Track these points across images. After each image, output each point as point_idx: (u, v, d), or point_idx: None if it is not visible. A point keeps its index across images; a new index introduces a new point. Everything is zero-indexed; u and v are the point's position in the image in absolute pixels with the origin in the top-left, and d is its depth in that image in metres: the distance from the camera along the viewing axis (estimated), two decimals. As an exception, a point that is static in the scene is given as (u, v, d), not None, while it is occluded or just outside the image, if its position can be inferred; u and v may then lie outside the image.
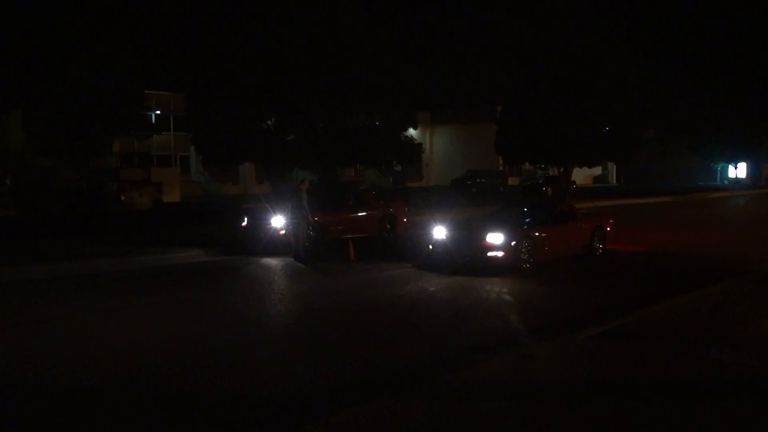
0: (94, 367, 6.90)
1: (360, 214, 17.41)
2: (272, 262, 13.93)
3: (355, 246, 14.45)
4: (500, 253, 12.30)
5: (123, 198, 28.63)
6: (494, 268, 12.26)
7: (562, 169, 39.74)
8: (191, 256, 14.59)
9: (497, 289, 10.95)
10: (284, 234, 15.05)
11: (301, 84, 24.92)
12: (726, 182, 65.72)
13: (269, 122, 27.57)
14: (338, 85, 25.40)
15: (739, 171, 68.62)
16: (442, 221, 14.04)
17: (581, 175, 53.11)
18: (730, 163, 66.53)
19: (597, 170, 61.74)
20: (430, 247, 13.50)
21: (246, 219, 16.07)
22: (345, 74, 25.43)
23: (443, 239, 13.24)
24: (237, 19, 27.22)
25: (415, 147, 30.56)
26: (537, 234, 13.03)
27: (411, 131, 31.97)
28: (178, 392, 6.21)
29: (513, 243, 12.43)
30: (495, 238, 12.34)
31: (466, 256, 12.72)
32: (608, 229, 14.92)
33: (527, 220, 13.86)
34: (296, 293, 11.06)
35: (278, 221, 15.20)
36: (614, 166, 64.94)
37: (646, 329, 7.87)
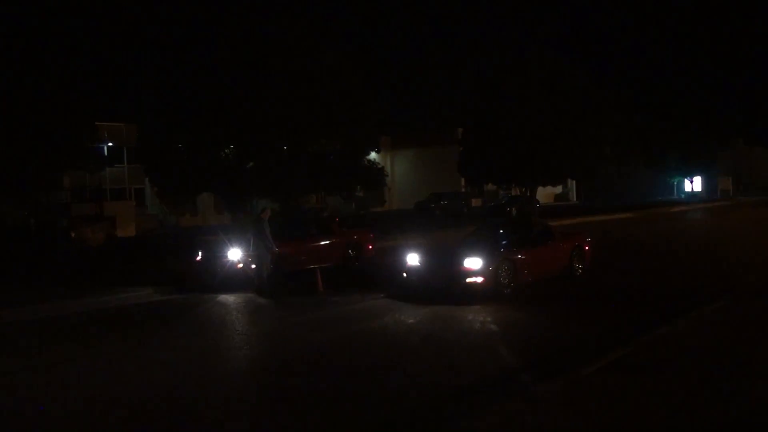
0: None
1: (323, 242, 16.40)
2: (230, 298, 12.85)
3: (323, 276, 13.52)
4: (479, 279, 11.53)
5: (74, 234, 27.12)
6: (474, 294, 11.48)
7: (524, 189, 39.51)
8: (142, 295, 13.34)
9: (480, 318, 10.15)
10: (242, 267, 14.02)
11: (259, 110, 24.03)
12: (683, 196, 66.66)
13: (226, 150, 26.55)
14: (297, 110, 24.60)
15: (695, 185, 69.79)
16: (416, 247, 13.26)
17: (543, 194, 53.07)
18: (685, 177, 67.60)
19: (558, 188, 62.03)
20: (404, 274, 12.68)
21: (200, 253, 14.92)
22: (304, 99, 24.65)
23: (417, 266, 12.43)
24: (188, 44, 26.33)
25: (379, 171, 29.83)
26: (517, 257, 12.32)
27: (373, 155, 31.28)
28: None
29: (492, 267, 11.68)
30: (473, 263, 11.57)
31: (443, 283, 11.94)
32: (587, 248, 14.32)
33: (504, 242, 13.14)
34: (262, 333, 10.04)
35: (235, 254, 14.15)
36: (574, 184, 65.45)
37: (653, 359, 7.13)
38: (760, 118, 72.32)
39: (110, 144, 44.69)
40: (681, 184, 69.30)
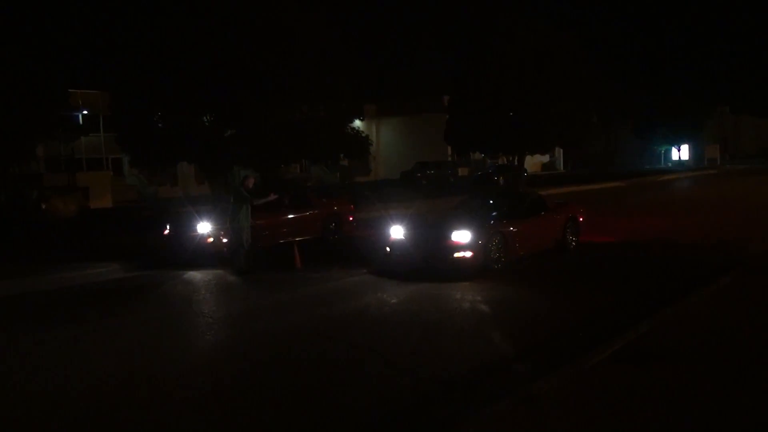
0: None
1: (300, 214, 15.40)
2: (198, 275, 11.94)
3: (301, 251, 12.66)
4: (468, 253, 10.72)
5: (44, 206, 26.03)
6: (462, 270, 10.68)
7: (511, 158, 38.72)
8: (105, 272, 12.32)
9: (469, 297, 9.35)
10: (212, 242, 13.12)
11: (238, 75, 22.85)
12: (670, 164, 66.29)
13: (204, 118, 25.36)
14: (278, 75, 23.42)
15: (682, 153, 69.41)
16: (400, 219, 12.38)
17: (530, 163, 52.35)
18: (672, 145, 67.13)
19: (545, 157, 61.32)
20: (387, 249, 11.84)
21: (168, 226, 13.95)
22: (285, 63, 23.48)
23: (402, 240, 11.59)
24: (163, 4, 24.90)
25: (363, 140, 28.78)
26: (508, 229, 11.51)
27: (357, 123, 30.21)
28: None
29: (482, 241, 10.87)
30: (461, 236, 10.74)
31: (429, 259, 11.11)
32: (581, 219, 13.56)
33: (494, 213, 12.33)
34: (232, 315, 9.14)
35: (204, 227, 13.21)
36: (561, 153, 64.75)
37: (665, 345, 6.36)
38: (746, 86, 71.88)
39: (85, 112, 43.21)
40: (668, 153, 68.88)
